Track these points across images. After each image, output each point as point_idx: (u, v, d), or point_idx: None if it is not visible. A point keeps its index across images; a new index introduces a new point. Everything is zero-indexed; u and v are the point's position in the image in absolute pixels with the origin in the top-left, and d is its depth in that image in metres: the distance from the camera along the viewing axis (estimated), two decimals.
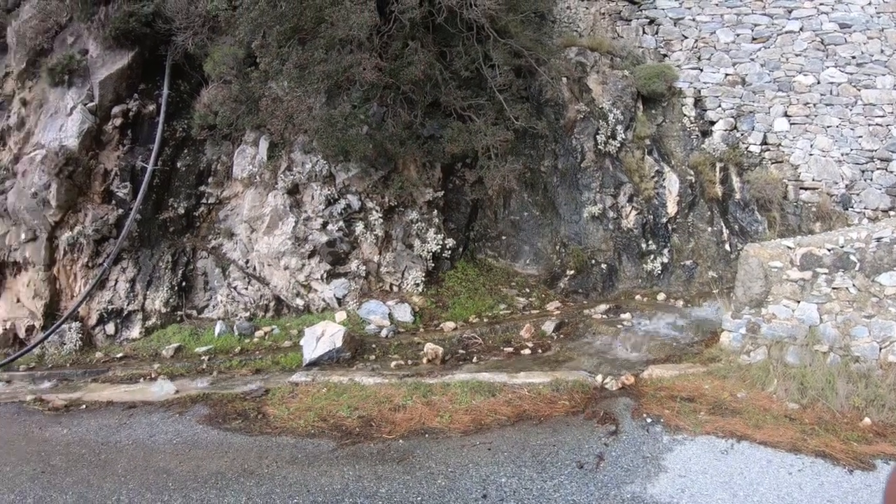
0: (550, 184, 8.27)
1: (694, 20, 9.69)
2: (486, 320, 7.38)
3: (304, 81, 7.11)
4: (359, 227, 7.41)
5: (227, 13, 7.67)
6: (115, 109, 8.16)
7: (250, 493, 4.03)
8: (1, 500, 4.24)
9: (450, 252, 7.77)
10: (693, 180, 8.80)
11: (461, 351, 6.89)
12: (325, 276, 7.32)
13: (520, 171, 7.71)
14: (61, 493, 4.26)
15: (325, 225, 7.35)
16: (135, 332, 7.85)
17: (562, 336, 7.27)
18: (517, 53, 7.88)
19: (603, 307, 7.63)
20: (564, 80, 8.65)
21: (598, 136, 8.53)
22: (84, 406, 6.44)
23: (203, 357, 7.12)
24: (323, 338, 6.71)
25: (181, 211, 7.99)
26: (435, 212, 7.76)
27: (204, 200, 8.08)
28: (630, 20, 9.88)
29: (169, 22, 8.05)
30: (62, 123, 8.30)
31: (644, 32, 9.86)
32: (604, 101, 8.88)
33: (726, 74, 9.49)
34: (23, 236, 8.41)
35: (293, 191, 7.54)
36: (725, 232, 8.60)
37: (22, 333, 8.60)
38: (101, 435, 5.40)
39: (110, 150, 8.15)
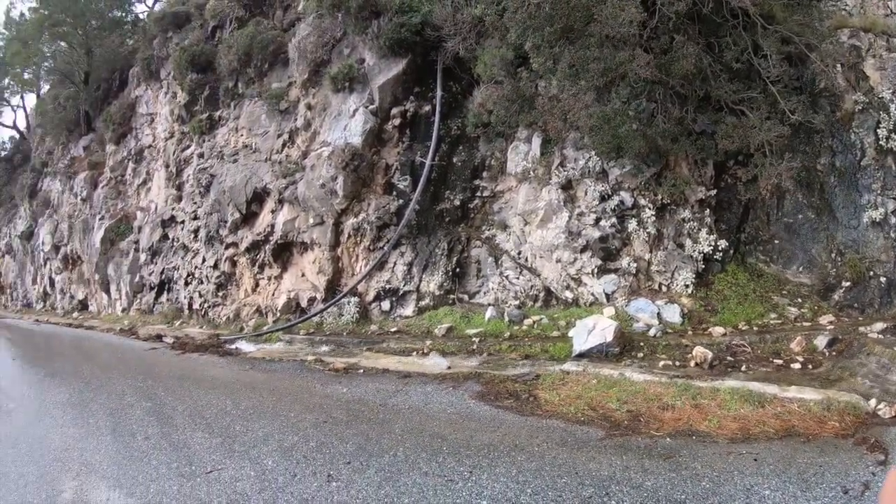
0: (827, 184, 7.74)
1: None
2: (755, 328, 7.13)
3: (578, 79, 7.38)
4: (631, 224, 7.53)
5: (493, 18, 8.18)
6: (394, 111, 9.17)
7: (521, 467, 4.25)
8: (285, 440, 4.89)
9: (721, 254, 7.58)
10: None
11: (729, 357, 6.72)
12: (595, 270, 7.58)
13: (796, 170, 7.39)
14: (342, 442, 4.79)
15: (597, 221, 7.58)
16: (408, 310, 8.85)
17: (834, 353, 6.88)
18: (785, 40, 7.42)
19: (880, 325, 7.06)
20: (839, 66, 8.04)
21: (878, 131, 7.85)
22: (361, 371, 7.38)
23: (473, 339, 7.75)
24: (594, 331, 6.95)
25: (456, 203, 8.78)
26: (707, 211, 7.63)
27: (478, 194, 8.77)
28: None
29: (437, 29, 8.79)
30: (345, 124, 9.52)
31: None
32: (883, 89, 8.09)
33: None
34: (311, 221, 9.86)
35: (566, 186, 7.87)
36: None
37: (304, 303, 10.14)
38: (378, 397, 6.06)
39: (390, 147, 9.20)
